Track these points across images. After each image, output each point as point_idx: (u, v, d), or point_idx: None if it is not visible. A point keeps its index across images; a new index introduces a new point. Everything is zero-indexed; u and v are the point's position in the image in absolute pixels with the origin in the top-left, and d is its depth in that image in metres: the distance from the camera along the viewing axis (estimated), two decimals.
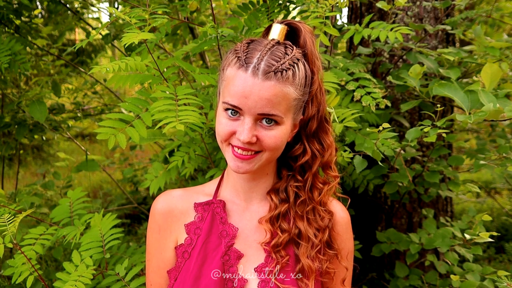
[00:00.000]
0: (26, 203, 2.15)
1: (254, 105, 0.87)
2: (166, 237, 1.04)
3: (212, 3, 1.58)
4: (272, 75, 0.86)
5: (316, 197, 1.00)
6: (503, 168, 1.66)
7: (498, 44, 1.84)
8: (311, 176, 1.00)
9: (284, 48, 0.91)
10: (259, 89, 0.86)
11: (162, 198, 1.07)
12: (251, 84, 0.86)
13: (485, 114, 1.25)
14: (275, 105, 0.87)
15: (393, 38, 1.42)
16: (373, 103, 1.50)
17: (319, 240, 0.98)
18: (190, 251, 1.00)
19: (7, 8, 2.13)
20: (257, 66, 0.86)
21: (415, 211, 2.33)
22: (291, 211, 1.00)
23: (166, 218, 1.04)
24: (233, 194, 1.05)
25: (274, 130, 0.90)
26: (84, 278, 1.23)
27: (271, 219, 0.99)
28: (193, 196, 1.06)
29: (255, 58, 0.87)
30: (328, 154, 1.00)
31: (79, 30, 3.55)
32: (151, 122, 1.19)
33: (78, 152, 5.99)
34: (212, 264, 0.96)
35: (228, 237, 0.99)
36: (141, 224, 4.00)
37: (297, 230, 0.98)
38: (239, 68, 0.88)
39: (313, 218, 1.00)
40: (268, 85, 0.86)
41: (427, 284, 1.94)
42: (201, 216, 1.03)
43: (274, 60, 0.87)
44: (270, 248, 0.97)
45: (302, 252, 0.97)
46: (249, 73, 0.86)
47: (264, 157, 0.93)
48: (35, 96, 2.25)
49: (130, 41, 1.17)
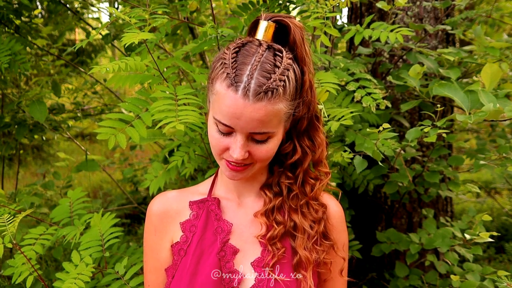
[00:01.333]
0: (26, 203, 2.15)
1: (245, 125, 0.86)
2: (162, 238, 1.05)
3: (212, 3, 1.58)
4: (263, 96, 0.84)
5: (308, 192, 1.01)
6: (503, 168, 1.66)
7: (498, 44, 1.84)
8: (302, 172, 1.00)
9: (273, 57, 0.88)
10: (250, 111, 0.84)
11: (157, 199, 1.08)
12: (242, 106, 0.84)
13: (485, 114, 1.25)
14: (267, 124, 0.87)
15: (394, 39, 1.41)
16: (373, 104, 1.50)
17: (315, 231, 0.99)
18: (186, 249, 1.00)
19: (7, 8, 2.13)
20: (248, 87, 0.83)
21: (415, 211, 2.33)
22: (285, 205, 1.01)
23: (162, 219, 1.05)
24: (227, 191, 1.06)
25: (266, 144, 0.91)
26: (84, 276, 1.24)
27: (266, 212, 1.00)
28: (188, 195, 1.07)
29: (244, 76, 0.84)
30: (320, 151, 1.01)
31: (79, 30, 3.54)
32: (151, 122, 1.19)
33: (78, 152, 5.99)
34: (208, 261, 0.97)
35: (223, 233, 1.00)
36: (141, 224, 4.00)
37: (292, 222, 0.99)
38: (228, 87, 0.85)
39: (307, 211, 1.00)
40: (259, 106, 0.84)
41: (427, 284, 1.94)
42: (196, 214, 1.04)
43: (265, 78, 0.84)
44: (266, 241, 0.97)
45: (299, 244, 0.97)
46: (240, 94, 0.84)
47: (257, 166, 0.95)
48: (35, 96, 2.25)
49: (130, 41, 1.17)
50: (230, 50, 0.90)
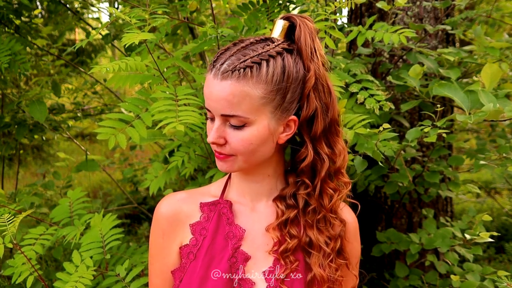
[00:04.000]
0: (26, 203, 2.15)
1: (215, 105, 0.86)
2: (170, 242, 1.01)
3: (212, 3, 1.58)
4: (229, 74, 0.83)
5: (326, 205, 0.95)
6: (503, 168, 1.66)
7: (498, 44, 1.84)
8: (320, 182, 0.95)
9: (263, 44, 0.88)
10: (217, 90, 0.84)
11: (166, 201, 1.03)
12: (211, 85, 0.85)
13: (485, 114, 1.25)
14: (235, 106, 0.84)
15: (397, 41, 1.41)
16: (376, 106, 1.50)
17: (330, 248, 0.95)
18: (196, 252, 0.97)
19: (7, 8, 2.13)
20: (219, 67, 0.85)
21: (415, 211, 2.33)
22: (301, 219, 0.96)
23: (171, 223, 1.00)
24: (239, 195, 1.02)
25: (242, 132, 0.87)
26: (85, 279, 1.23)
27: (279, 225, 0.96)
28: (198, 197, 1.03)
29: (218, 59, 0.86)
30: (341, 159, 0.95)
31: (79, 30, 3.55)
32: (151, 122, 1.19)
33: (78, 152, 5.99)
34: (219, 266, 0.94)
35: (235, 238, 0.97)
36: (141, 224, 4.00)
37: (307, 238, 0.95)
38: (208, 70, 0.88)
39: (324, 226, 0.96)
40: (225, 84, 0.84)
41: (427, 284, 1.94)
42: (207, 216, 1.00)
43: (238, 59, 0.84)
44: (278, 255, 0.94)
45: (314, 261, 0.94)
46: (212, 74, 0.86)
47: (240, 160, 0.91)
48: (35, 96, 2.25)
49: (130, 41, 1.17)
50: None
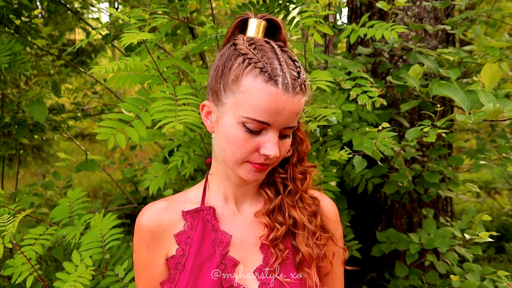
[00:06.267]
0: (26, 203, 2.15)
1: (284, 121, 0.86)
2: (155, 254, 0.99)
3: (212, 3, 1.58)
4: (298, 89, 0.85)
5: (300, 186, 1.01)
6: (503, 168, 1.66)
7: (498, 44, 1.84)
8: (290, 168, 1.01)
9: (284, 51, 0.89)
10: (291, 105, 0.85)
11: (146, 213, 0.99)
12: (284, 100, 0.83)
13: (485, 114, 1.25)
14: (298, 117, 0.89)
15: (389, 37, 1.41)
16: (369, 101, 1.50)
17: (314, 225, 0.98)
18: (184, 263, 0.95)
19: (7, 8, 2.13)
20: (286, 81, 0.83)
21: (415, 211, 2.33)
22: (284, 202, 1.00)
23: (153, 235, 0.98)
24: (221, 199, 1.01)
25: (288, 139, 0.91)
26: (83, 279, 1.23)
27: (267, 212, 0.99)
28: (179, 205, 1.01)
29: (279, 70, 0.84)
30: (304, 146, 1.02)
31: (79, 30, 3.55)
32: (150, 122, 1.19)
33: (78, 152, 5.99)
34: (208, 275, 0.94)
35: (222, 244, 0.96)
36: None
37: (291, 219, 0.98)
38: (266, 82, 0.82)
39: (303, 205, 1.00)
40: (297, 99, 0.85)
41: (427, 284, 1.94)
42: (191, 224, 0.98)
43: (295, 71, 0.86)
44: (269, 243, 0.95)
45: (300, 241, 0.96)
46: (281, 89, 0.83)
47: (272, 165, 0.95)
48: (35, 96, 2.25)
49: (129, 42, 1.17)
50: (244, 44, 0.88)
